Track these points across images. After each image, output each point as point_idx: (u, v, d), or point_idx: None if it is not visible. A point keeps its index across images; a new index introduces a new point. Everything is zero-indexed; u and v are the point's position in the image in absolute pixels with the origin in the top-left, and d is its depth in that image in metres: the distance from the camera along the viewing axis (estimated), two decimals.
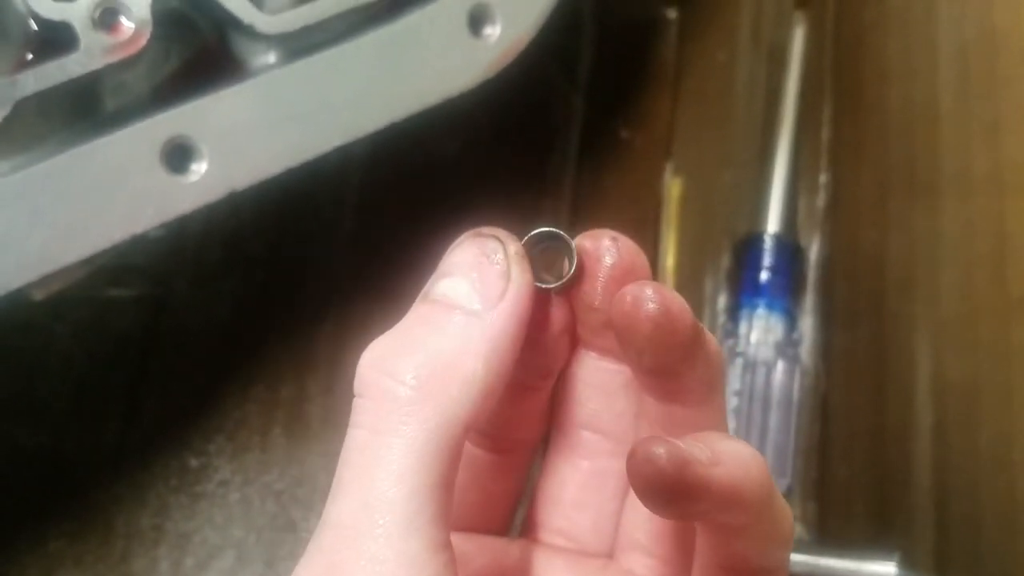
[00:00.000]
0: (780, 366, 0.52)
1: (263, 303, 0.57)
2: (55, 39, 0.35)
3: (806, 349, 0.56)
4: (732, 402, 0.51)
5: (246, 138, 0.38)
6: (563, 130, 0.64)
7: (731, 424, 0.52)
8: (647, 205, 0.62)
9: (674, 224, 0.61)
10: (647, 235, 0.61)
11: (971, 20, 0.57)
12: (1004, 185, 0.51)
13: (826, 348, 0.56)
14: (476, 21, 0.43)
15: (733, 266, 0.59)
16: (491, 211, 0.59)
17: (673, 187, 0.62)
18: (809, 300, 0.59)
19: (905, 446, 0.49)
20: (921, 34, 0.59)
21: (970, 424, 0.48)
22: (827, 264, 0.59)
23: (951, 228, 0.53)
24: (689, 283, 0.60)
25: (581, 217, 0.61)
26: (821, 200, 0.61)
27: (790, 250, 0.56)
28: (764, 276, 0.54)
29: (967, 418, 0.48)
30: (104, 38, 0.35)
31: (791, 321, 0.55)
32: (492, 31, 0.43)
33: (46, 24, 0.34)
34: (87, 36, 0.35)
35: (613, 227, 0.27)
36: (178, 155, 0.37)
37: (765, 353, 0.52)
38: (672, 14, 0.66)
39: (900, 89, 0.59)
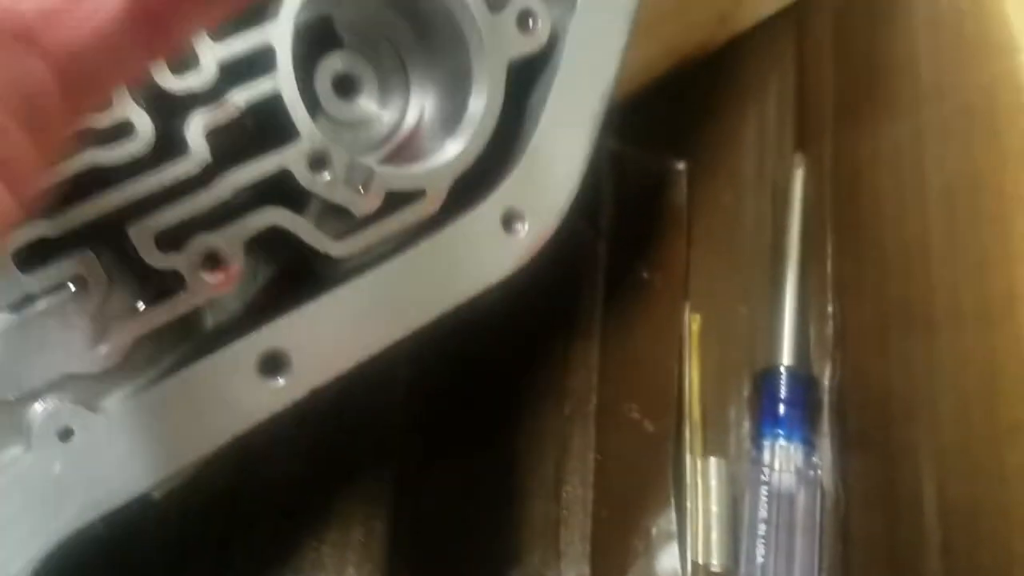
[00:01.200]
0: (802, 492, 0.58)
1: (332, 455, 0.64)
2: (165, 283, 0.42)
3: (826, 471, 0.62)
4: (760, 529, 0.56)
5: (325, 342, 0.45)
6: (589, 275, 0.71)
7: (759, 551, 0.57)
8: (670, 341, 0.69)
9: (696, 357, 0.67)
10: (672, 368, 0.68)
11: (954, 160, 0.63)
12: (992, 319, 0.57)
13: (844, 471, 0.62)
14: (508, 221, 0.50)
15: (753, 395, 0.65)
16: (523, 358, 0.66)
17: (693, 323, 0.69)
18: (825, 424, 0.64)
19: (917, 564, 0.54)
20: (911, 173, 0.65)
21: (974, 543, 0.53)
22: (839, 391, 0.65)
23: (947, 360, 0.58)
24: (714, 411, 0.66)
25: (610, 357, 0.68)
26: (830, 329, 0.67)
27: (805, 382, 0.62)
28: (782, 409, 0.60)
29: (971, 537, 0.54)
30: (206, 277, 0.43)
31: (810, 448, 0.61)
32: (522, 227, 0.50)
33: (156, 272, 0.42)
34: (192, 278, 0.42)
35: (640, 363, 0.33)
36: (271, 364, 0.44)
37: (788, 481, 0.58)
38: (680, 165, 0.74)
39: (895, 226, 0.65)
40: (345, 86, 0.52)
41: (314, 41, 0.50)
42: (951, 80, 0.65)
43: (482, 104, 0.48)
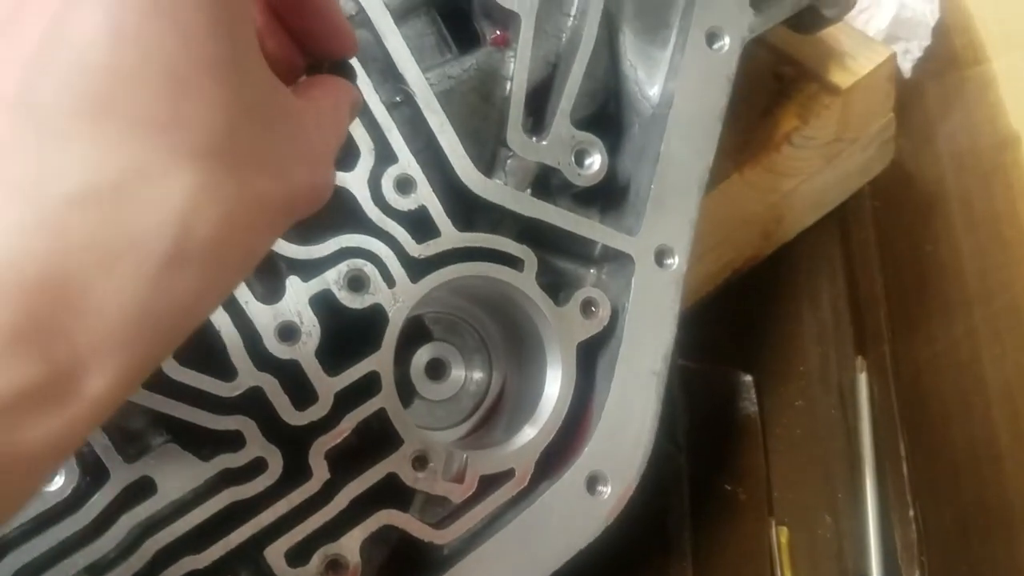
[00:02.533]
0: None
1: None
2: None
3: None
4: None
5: None
6: (675, 490, 0.75)
7: None
8: (761, 556, 0.71)
9: (788, 573, 0.70)
10: None
11: (1010, 358, 0.67)
12: None
13: None
14: (592, 484, 0.55)
15: None
16: (622, 572, 0.69)
17: (781, 535, 0.71)
18: None
19: None
20: (970, 374, 0.68)
21: None
22: None
23: None
24: None
25: (704, 573, 0.70)
26: (913, 533, 0.69)
27: None
28: None
29: None
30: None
31: None
32: (605, 489, 0.55)
33: None
34: None
35: None
36: None
37: None
38: (747, 377, 0.78)
39: (961, 426, 0.68)
40: (436, 370, 0.58)
41: (407, 340, 0.57)
42: (996, 280, 0.69)
43: (557, 388, 0.54)
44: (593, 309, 0.56)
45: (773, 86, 0.77)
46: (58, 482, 0.45)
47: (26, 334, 0.24)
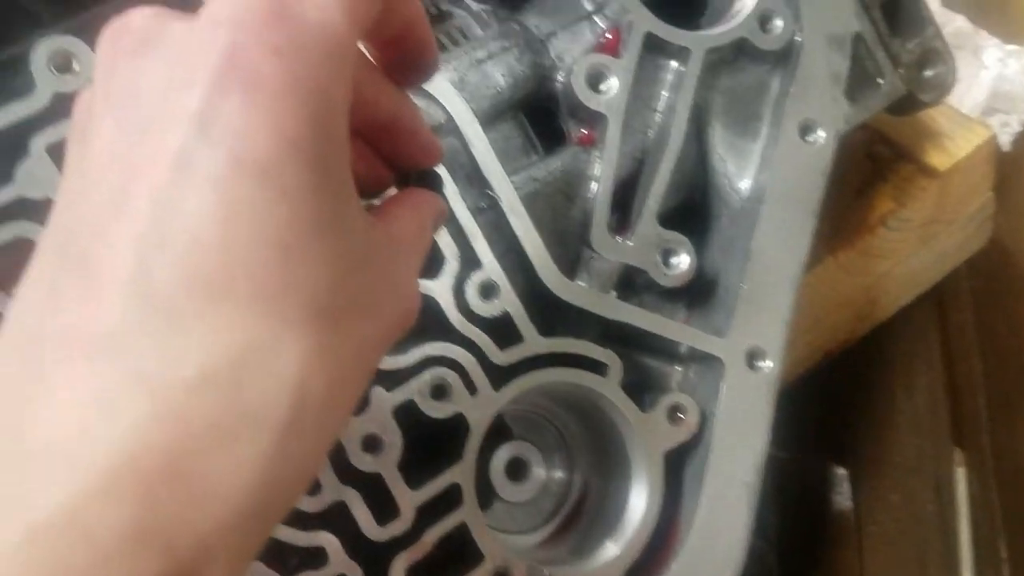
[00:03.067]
0: None
1: None
2: None
3: None
4: None
5: None
6: None
7: None
8: None
9: None
10: None
11: None
12: None
13: None
14: None
15: None
16: None
17: None
18: None
19: None
20: None
21: None
22: None
23: None
24: None
25: None
26: None
27: None
28: None
29: None
30: None
31: None
32: None
33: None
34: None
35: None
36: None
37: None
38: (842, 470, 0.75)
39: None
40: (516, 470, 0.57)
41: (487, 439, 0.55)
42: None
43: (642, 501, 0.52)
44: (680, 416, 0.54)
45: (867, 166, 0.74)
46: None
47: (150, 530, 0.24)
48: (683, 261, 0.54)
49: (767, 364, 0.55)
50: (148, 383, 0.24)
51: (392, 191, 0.42)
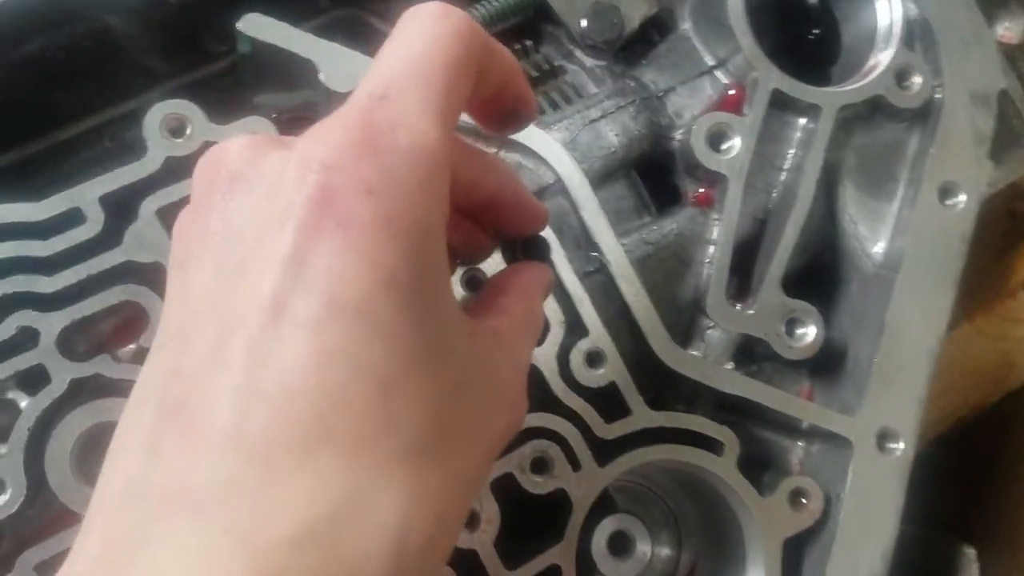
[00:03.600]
0: None
1: None
2: None
3: None
4: None
5: None
6: None
7: None
8: None
9: None
10: None
11: None
12: None
13: None
14: None
15: None
16: None
17: None
18: None
19: None
20: None
21: None
22: None
23: None
24: None
25: None
26: None
27: None
28: None
29: None
30: None
31: None
32: None
33: None
34: None
35: None
36: None
37: None
38: (971, 550, 0.68)
39: None
40: (619, 545, 0.54)
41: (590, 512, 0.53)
42: None
43: None
44: (803, 500, 0.50)
45: (1007, 225, 0.68)
46: None
47: None
48: (810, 332, 0.50)
49: (899, 446, 0.51)
50: (245, 540, 0.24)
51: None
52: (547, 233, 0.46)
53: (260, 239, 0.27)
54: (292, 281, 0.25)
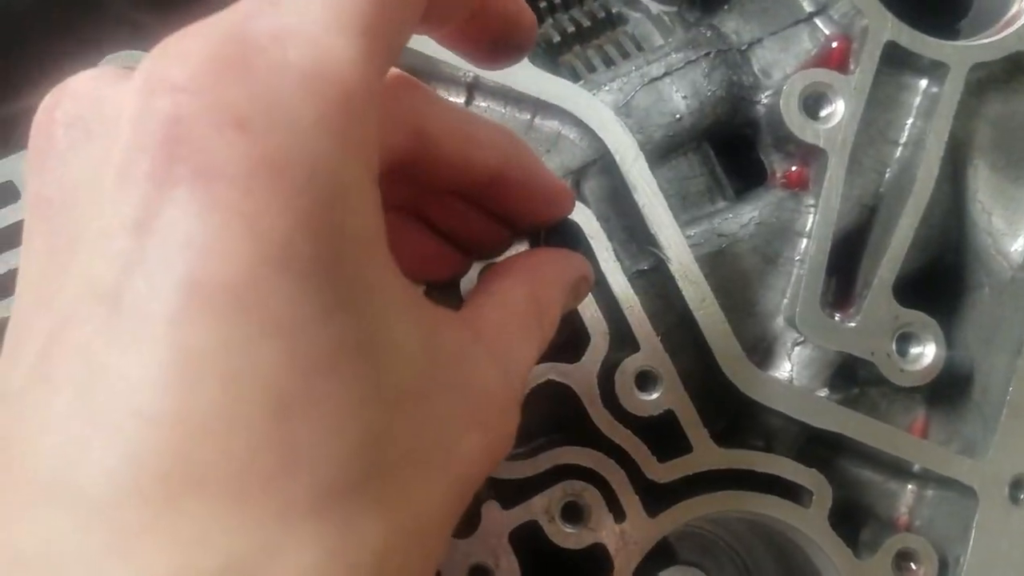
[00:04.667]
0: None
1: None
2: None
3: None
4: None
5: None
6: None
7: None
8: None
9: None
10: None
11: None
12: None
13: None
14: None
15: None
16: None
17: None
18: None
19: None
20: None
21: None
22: None
23: None
24: None
25: None
26: None
27: None
28: None
29: None
30: None
31: None
32: None
33: None
34: None
35: None
36: None
37: None
38: None
39: None
40: None
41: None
42: None
43: None
44: (912, 566, 0.40)
45: None
46: None
47: None
48: (927, 352, 0.40)
49: None
50: None
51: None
52: (587, 219, 0.37)
53: (96, 204, 0.19)
54: (135, 259, 0.18)
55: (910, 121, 0.43)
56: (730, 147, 0.42)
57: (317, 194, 0.18)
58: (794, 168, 0.41)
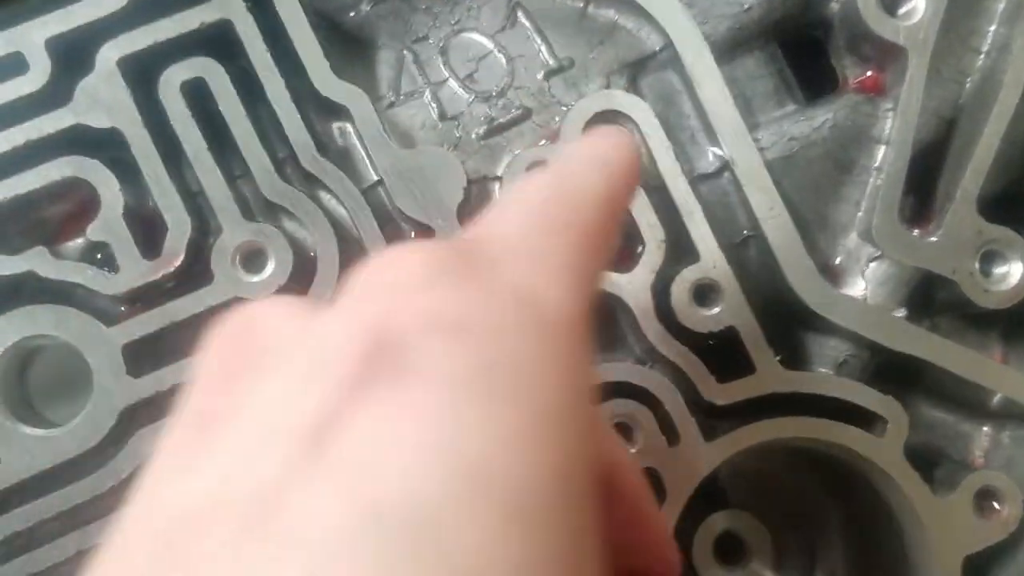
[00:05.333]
0: None
1: None
2: None
3: None
4: None
5: None
6: None
7: None
8: None
9: None
10: None
11: None
12: None
13: None
14: None
15: None
16: None
17: None
18: None
19: None
20: None
21: None
22: None
23: None
24: None
25: None
26: None
27: None
28: None
29: None
30: None
31: None
32: None
33: None
34: None
35: None
36: None
37: None
38: None
39: None
40: (729, 553, 0.41)
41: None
42: None
43: None
44: (995, 505, 0.36)
45: None
46: None
47: None
48: (1014, 271, 0.37)
49: None
50: None
51: None
52: (644, 115, 0.34)
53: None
54: (307, 470, 0.16)
55: (993, 28, 0.39)
56: (800, 49, 0.39)
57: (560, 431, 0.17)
58: (869, 73, 0.38)
